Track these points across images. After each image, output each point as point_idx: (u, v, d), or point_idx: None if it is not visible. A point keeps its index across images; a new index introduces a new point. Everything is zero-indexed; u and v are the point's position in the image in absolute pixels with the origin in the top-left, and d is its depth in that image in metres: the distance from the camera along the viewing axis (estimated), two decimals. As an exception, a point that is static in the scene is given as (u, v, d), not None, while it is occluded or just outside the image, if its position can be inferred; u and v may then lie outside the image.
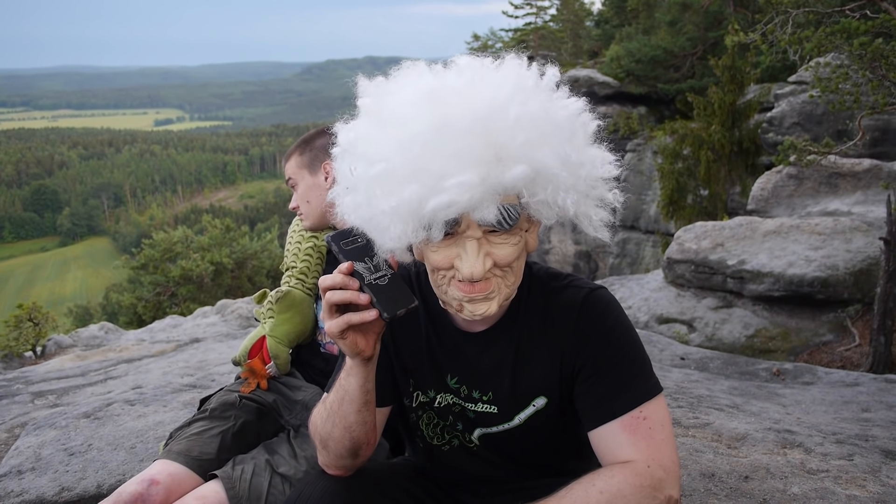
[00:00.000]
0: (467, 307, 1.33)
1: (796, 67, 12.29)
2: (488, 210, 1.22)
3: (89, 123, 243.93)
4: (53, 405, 3.88)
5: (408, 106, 1.23)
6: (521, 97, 1.23)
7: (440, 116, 1.19)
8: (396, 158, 1.21)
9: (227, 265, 16.64)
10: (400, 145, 1.21)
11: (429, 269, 1.37)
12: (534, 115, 1.22)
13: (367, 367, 1.35)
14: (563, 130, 1.27)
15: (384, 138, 1.24)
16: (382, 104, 1.28)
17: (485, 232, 1.28)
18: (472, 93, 1.22)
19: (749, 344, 7.09)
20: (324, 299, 1.25)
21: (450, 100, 1.21)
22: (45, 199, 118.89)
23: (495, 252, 1.29)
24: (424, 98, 1.22)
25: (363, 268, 1.26)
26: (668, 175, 14.92)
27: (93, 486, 2.62)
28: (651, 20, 26.66)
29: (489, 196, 1.21)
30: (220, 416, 2.17)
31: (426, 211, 1.20)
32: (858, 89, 6.62)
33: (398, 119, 1.23)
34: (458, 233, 1.27)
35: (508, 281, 1.34)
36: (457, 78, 1.27)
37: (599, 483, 1.29)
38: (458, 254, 1.28)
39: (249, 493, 1.85)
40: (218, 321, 7.65)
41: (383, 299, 1.23)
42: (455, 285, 1.32)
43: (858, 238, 7.53)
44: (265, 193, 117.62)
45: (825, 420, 3.22)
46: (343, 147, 1.34)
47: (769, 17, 7.87)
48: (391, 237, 1.25)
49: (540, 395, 1.48)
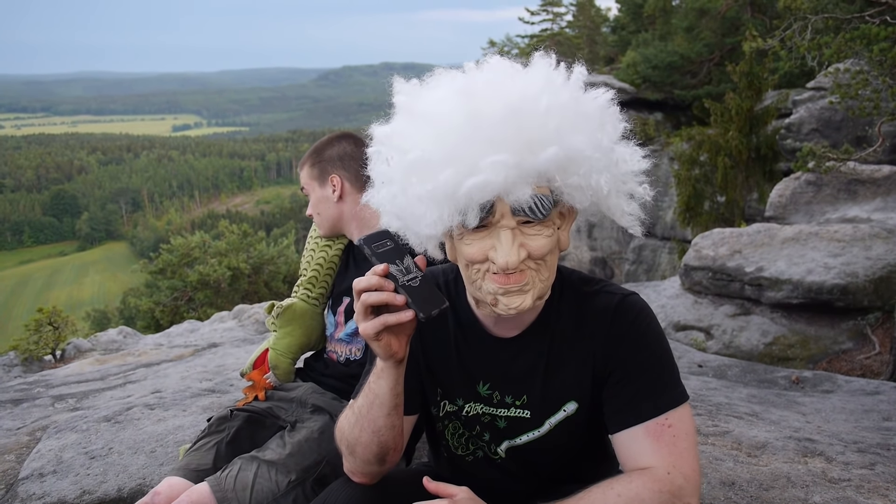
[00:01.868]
0: (502, 300, 1.32)
1: (814, 73, 12.22)
2: (522, 192, 1.24)
3: (108, 129, 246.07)
4: (74, 409, 3.91)
5: (442, 101, 1.28)
6: (551, 89, 1.26)
7: (473, 108, 1.22)
8: (431, 147, 1.23)
9: (244, 270, 16.69)
10: (435, 135, 1.24)
11: (462, 265, 1.37)
12: (564, 105, 1.25)
13: (398, 370, 1.36)
14: (593, 119, 1.30)
15: (419, 131, 1.27)
16: (417, 100, 1.32)
17: (518, 223, 1.28)
18: (503, 86, 1.25)
19: (767, 352, 7.03)
20: (359, 301, 1.26)
21: (482, 92, 1.24)
22: (65, 204, 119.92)
23: (529, 243, 1.29)
24: (457, 92, 1.26)
25: (396, 270, 1.27)
26: (684, 181, 14.84)
27: (113, 489, 2.64)
28: (668, 26, 26.59)
29: (523, 178, 1.23)
30: (216, 431, 2.27)
31: (462, 192, 1.22)
32: (878, 95, 6.58)
33: (432, 112, 1.27)
34: (491, 224, 1.28)
35: (542, 275, 1.34)
36: (489, 74, 1.30)
37: (618, 487, 1.30)
38: (493, 245, 1.29)
39: (235, 486, 1.95)
40: (235, 326, 7.68)
41: (418, 300, 1.25)
42: (490, 278, 1.32)
43: (878, 245, 7.46)
44: (281, 199, 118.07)
45: (846, 429, 3.19)
46: (379, 140, 1.37)
47: (787, 22, 7.83)
48: (427, 223, 1.28)
49: (571, 399, 1.48)
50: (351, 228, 2.43)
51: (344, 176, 2.38)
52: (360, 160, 2.40)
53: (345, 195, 2.39)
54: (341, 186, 2.38)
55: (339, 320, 2.43)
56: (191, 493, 1.92)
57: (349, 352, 2.38)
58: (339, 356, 2.42)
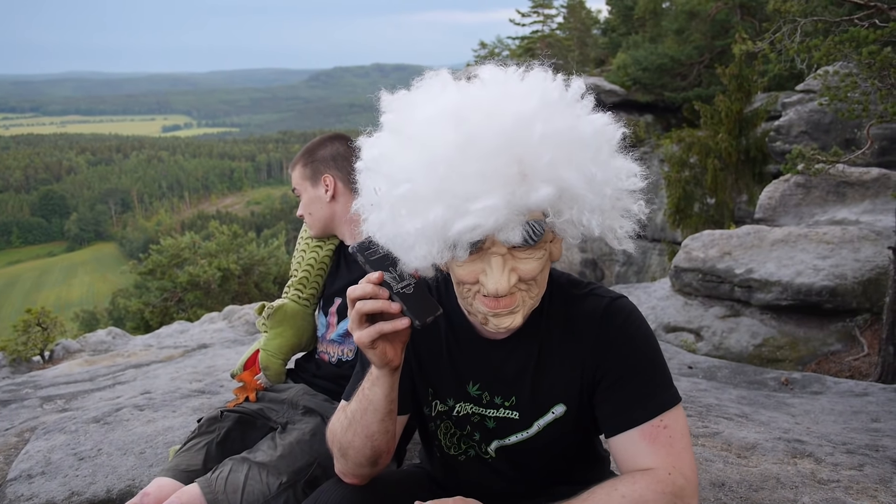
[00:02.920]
0: (492, 321, 1.33)
1: (804, 76, 12.28)
2: (514, 232, 1.23)
3: (97, 129, 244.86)
4: (62, 410, 3.89)
5: (432, 124, 1.22)
6: (546, 113, 1.21)
7: (465, 135, 1.18)
8: (421, 179, 1.20)
9: (234, 271, 16.64)
10: (424, 165, 1.19)
11: (454, 281, 1.37)
12: (559, 132, 1.21)
13: (393, 377, 1.36)
14: (588, 148, 1.25)
15: (408, 157, 1.22)
16: (406, 121, 1.27)
17: (509, 248, 1.27)
18: (497, 110, 1.20)
19: (757, 353, 7.06)
20: (353, 310, 1.25)
21: (474, 118, 1.19)
22: (53, 205, 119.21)
23: (520, 267, 1.29)
24: (449, 116, 1.21)
25: (389, 277, 1.27)
26: (674, 183, 14.89)
27: (102, 490, 2.63)
28: (658, 28, 26.67)
29: (514, 217, 1.21)
30: (206, 432, 2.27)
31: (451, 233, 1.20)
32: (867, 98, 6.60)
33: (422, 137, 1.22)
34: (483, 249, 1.27)
35: (532, 293, 1.35)
36: (481, 92, 1.25)
37: (622, 488, 1.30)
38: (484, 269, 1.28)
39: (226, 487, 1.95)
40: (225, 327, 7.65)
41: (412, 307, 1.25)
42: (480, 300, 1.32)
43: (867, 247, 7.51)
44: (272, 200, 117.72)
45: (835, 430, 3.21)
46: (367, 164, 1.34)
47: (777, 25, 7.85)
48: (416, 256, 1.26)
49: (559, 402, 1.48)
50: (343, 229, 2.43)
51: (337, 176, 2.38)
52: (352, 161, 2.40)
53: (337, 195, 2.38)
54: (334, 186, 2.37)
55: (330, 321, 2.43)
56: (181, 495, 1.91)
57: (341, 352, 2.38)
58: (330, 357, 2.41)
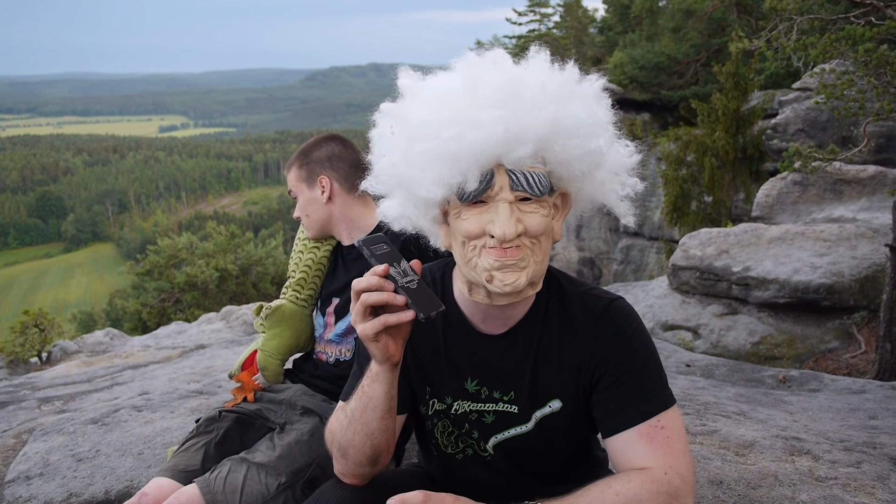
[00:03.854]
0: (497, 276, 1.32)
1: (800, 74, 12.29)
2: (523, 150, 1.28)
3: (94, 130, 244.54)
4: (60, 411, 3.89)
5: (444, 79, 1.35)
6: (546, 73, 1.34)
7: (474, 79, 1.29)
8: (434, 111, 1.29)
9: (231, 271, 16.65)
10: (437, 102, 1.30)
11: (458, 244, 1.37)
12: (560, 83, 1.32)
13: (393, 373, 1.36)
14: (588, 96, 1.36)
15: (423, 103, 1.33)
16: (420, 83, 1.38)
17: (516, 198, 1.30)
18: (503, 65, 1.34)
19: (754, 351, 7.07)
20: (358, 302, 1.26)
21: (482, 67, 1.32)
22: (50, 206, 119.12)
23: (526, 219, 1.31)
24: (459, 70, 1.34)
25: (394, 271, 1.28)
26: (671, 182, 14.91)
27: (101, 491, 2.62)
28: (654, 27, 26.71)
29: (523, 137, 1.27)
30: (204, 432, 2.26)
31: (464, 146, 1.25)
32: (863, 96, 6.61)
33: (436, 88, 1.34)
34: (489, 198, 1.30)
35: (537, 256, 1.35)
36: (484, 58, 1.36)
37: (616, 486, 1.31)
38: (491, 219, 1.30)
39: (224, 488, 1.94)
40: (223, 327, 7.66)
41: (417, 301, 1.25)
42: (486, 252, 1.32)
43: (864, 245, 7.52)
44: (269, 200, 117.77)
45: (832, 427, 3.21)
46: (383, 113, 1.41)
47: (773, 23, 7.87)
48: (427, 185, 1.30)
49: (556, 397, 1.49)
50: (340, 230, 2.43)
51: (333, 177, 2.38)
52: (348, 161, 2.40)
53: (334, 196, 2.38)
54: (330, 187, 2.37)
55: (328, 321, 2.43)
56: (179, 495, 1.91)
57: (339, 353, 2.37)
58: (328, 357, 2.41)
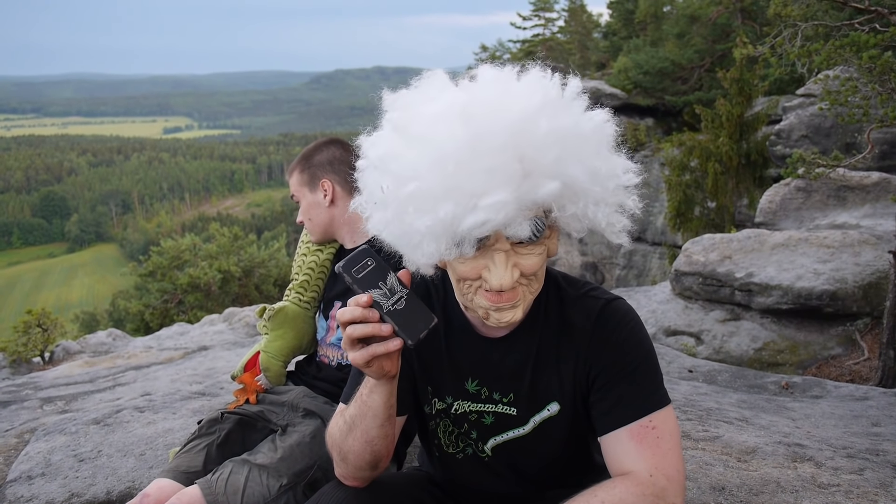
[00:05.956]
0: (493, 315, 1.35)
1: (804, 80, 12.27)
2: (521, 227, 1.24)
3: (99, 131, 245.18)
4: (62, 411, 3.89)
5: (438, 121, 1.22)
6: (549, 109, 1.23)
7: (473, 133, 1.18)
8: (429, 176, 1.20)
9: (234, 273, 16.65)
10: (432, 162, 1.20)
11: (454, 279, 1.38)
12: (563, 129, 1.23)
13: (391, 385, 1.36)
14: (590, 143, 1.28)
15: (415, 155, 1.23)
16: (411, 119, 1.26)
17: (512, 244, 1.29)
18: (502, 106, 1.21)
19: (757, 357, 7.05)
20: (345, 334, 1.25)
21: (482, 115, 1.20)
22: (54, 206, 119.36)
23: (522, 262, 1.31)
24: (457, 114, 1.21)
25: (379, 294, 1.24)
26: (675, 187, 14.89)
27: (102, 492, 2.63)
28: (659, 32, 26.72)
29: (522, 212, 1.23)
30: (206, 433, 2.26)
31: (461, 229, 1.21)
32: (868, 102, 6.60)
33: (429, 134, 1.22)
34: (486, 246, 1.29)
35: (533, 288, 1.37)
36: (484, 90, 1.26)
37: (601, 494, 1.31)
38: (486, 265, 1.30)
39: (226, 489, 1.94)
40: (225, 329, 7.66)
41: (404, 325, 1.23)
42: (482, 294, 1.34)
43: (867, 251, 7.50)
44: (272, 202, 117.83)
45: (835, 434, 3.21)
46: (371, 162, 1.33)
47: (778, 29, 7.86)
48: (423, 254, 1.27)
49: (554, 400, 1.50)
50: (342, 233, 2.44)
51: (335, 180, 2.38)
52: (350, 165, 2.41)
53: (336, 200, 2.39)
54: (332, 191, 2.38)
55: (330, 325, 2.43)
56: (181, 496, 1.91)
57: (341, 356, 2.38)
58: (330, 360, 2.41)
